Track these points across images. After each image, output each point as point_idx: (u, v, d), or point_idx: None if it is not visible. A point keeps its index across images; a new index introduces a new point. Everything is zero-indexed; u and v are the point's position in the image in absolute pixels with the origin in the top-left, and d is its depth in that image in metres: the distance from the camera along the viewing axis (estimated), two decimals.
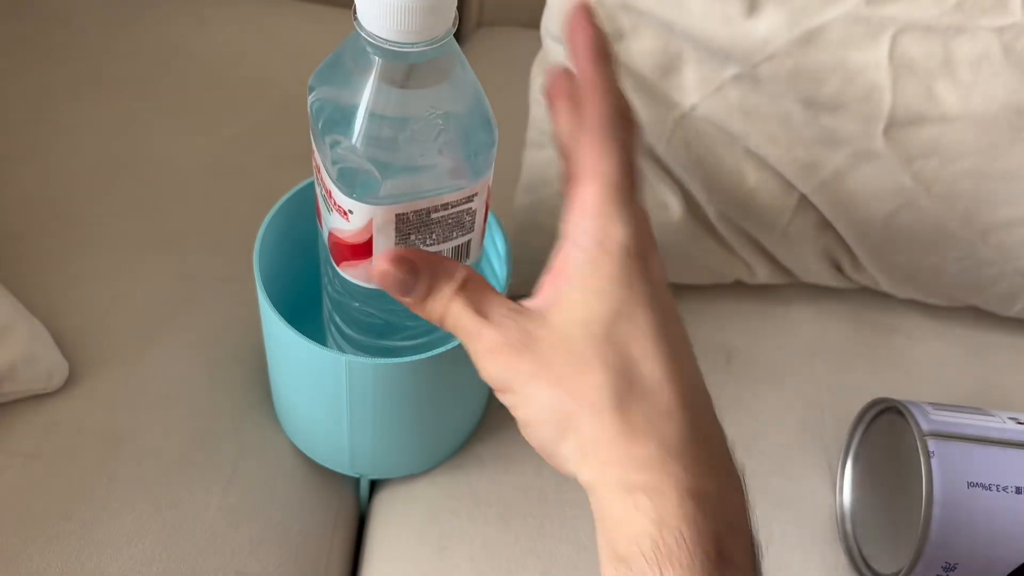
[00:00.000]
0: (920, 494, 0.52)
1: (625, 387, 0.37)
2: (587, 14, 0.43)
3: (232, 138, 0.77)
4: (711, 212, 0.65)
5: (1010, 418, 0.56)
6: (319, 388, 0.55)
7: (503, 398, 0.40)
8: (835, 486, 0.62)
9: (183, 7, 0.86)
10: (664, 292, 0.40)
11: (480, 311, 0.40)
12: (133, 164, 0.74)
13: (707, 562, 0.34)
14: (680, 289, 0.71)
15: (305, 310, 0.65)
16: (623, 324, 0.37)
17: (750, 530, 0.38)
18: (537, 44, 0.70)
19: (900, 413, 0.57)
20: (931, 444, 0.53)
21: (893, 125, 0.59)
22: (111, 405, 0.62)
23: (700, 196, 0.64)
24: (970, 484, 0.52)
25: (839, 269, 0.68)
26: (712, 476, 0.37)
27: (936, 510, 0.52)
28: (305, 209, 0.59)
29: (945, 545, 0.52)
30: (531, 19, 0.76)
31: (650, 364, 0.37)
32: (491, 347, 0.39)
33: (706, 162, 0.63)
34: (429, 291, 0.42)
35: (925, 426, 0.54)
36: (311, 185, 0.57)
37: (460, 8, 1.02)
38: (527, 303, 0.40)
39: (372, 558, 0.60)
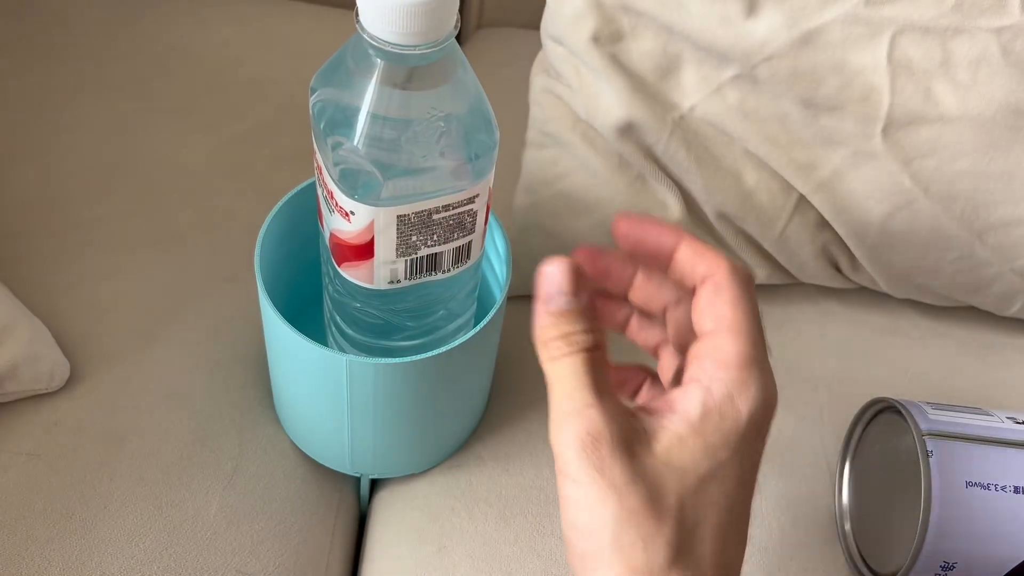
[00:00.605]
0: (919, 494, 0.53)
1: (684, 549, 0.36)
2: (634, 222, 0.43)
3: (233, 138, 0.77)
4: (710, 212, 0.65)
5: (1008, 418, 0.56)
6: (320, 388, 0.55)
7: (562, 480, 0.37)
8: (834, 485, 0.62)
9: (183, 7, 0.86)
10: (757, 466, 0.39)
11: (598, 383, 0.37)
12: (134, 164, 0.74)
13: None
14: None
15: (306, 310, 0.66)
16: (714, 489, 0.37)
17: None
18: (537, 44, 0.70)
19: (899, 413, 0.57)
20: (929, 444, 0.53)
21: (891, 126, 0.59)
22: (112, 405, 0.62)
23: (699, 196, 0.65)
24: (968, 484, 0.52)
25: (837, 269, 0.69)
26: None
27: (934, 509, 0.52)
28: (306, 209, 0.59)
29: (943, 544, 0.52)
30: (531, 20, 0.76)
31: (714, 541, 0.37)
32: (596, 428, 0.36)
33: (705, 162, 0.63)
34: (559, 324, 0.38)
35: (924, 426, 0.54)
36: (312, 185, 0.58)
37: (460, 9, 1.02)
38: (640, 411, 0.38)
39: (372, 557, 0.60)
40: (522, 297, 0.70)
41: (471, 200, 0.46)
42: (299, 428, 0.61)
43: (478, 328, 0.53)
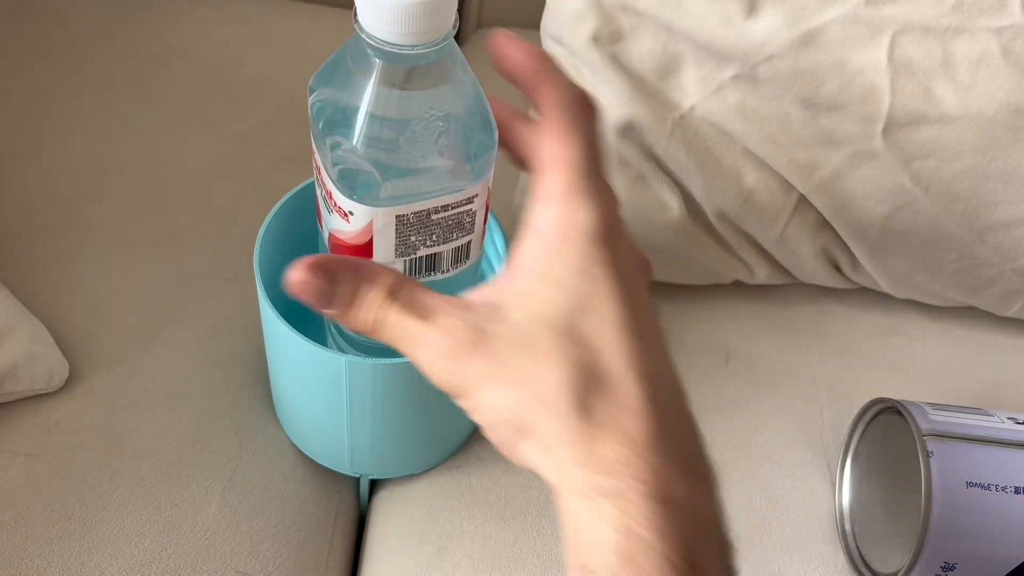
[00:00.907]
0: (919, 494, 0.52)
1: (587, 384, 0.34)
2: (510, 38, 0.41)
3: (233, 138, 0.77)
4: (710, 212, 0.65)
5: (1009, 418, 0.56)
6: (319, 388, 0.55)
7: (460, 403, 0.37)
8: (834, 486, 0.62)
9: (183, 7, 0.86)
10: (634, 281, 0.37)
11: (420, 314, 0.36)
12: (134, 164, 0.74)
13: (675, 573, 0.32)
14: (679, 289, 0.71)
15: (305, 310, 0.65)
16: (586, 317, 0.35)
17: (723, 534, 0.35)
18: (537, 45, 0.70)
19: (899, 413, 0.57)
20: (930, 444, 0.53)
21: (892, 125, 0.59)
22: (112, 405, 0.62)
23: (699, 196, 0.65)
24: (969, 484, 0.52)
25: (838, 269, 0.69)
26: (682, 478, 0.34)
27: (935, 510, 0.52)
28: (305, 209, 0.59)
29: (944, 545, 0.52)
30: (531, 20, 0.76)
31: (615, 359, 0.34)
32: (439, 352, 0.36)
33: (705, 162, 0.63)
34: (353, 299, 0.38)
35: (924, 426, 0.54)
36: (311, 186, 0.58)
37: (460, 9, 1.02)
38: (474, 297, 0.37)
39: (372, 557, 0.60)
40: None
41: (470, 200, 0.46)
42: (299, 428, 0.61)
43: None
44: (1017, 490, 0.52)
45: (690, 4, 0.59)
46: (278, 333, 0.53)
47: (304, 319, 0.63)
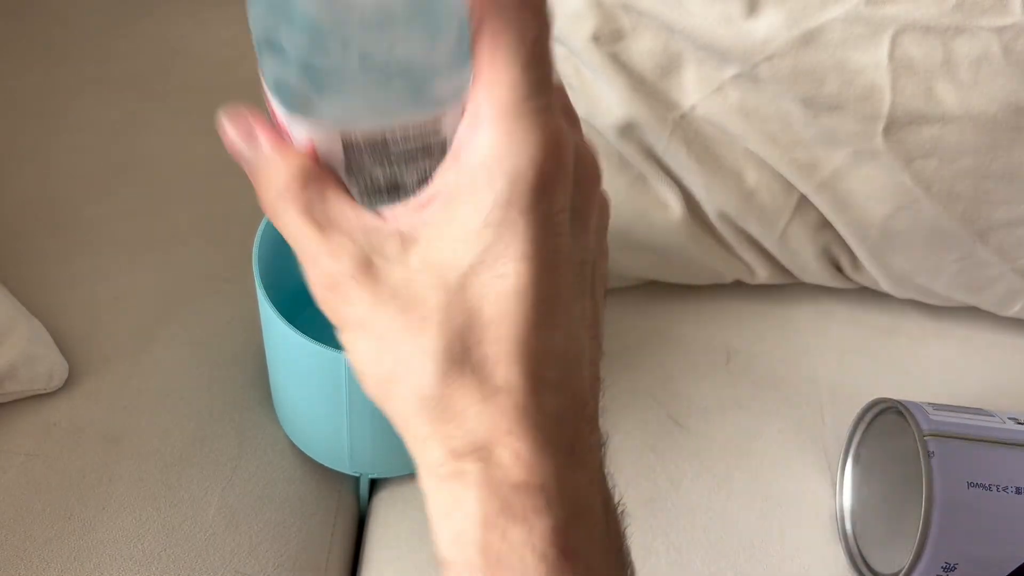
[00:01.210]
0: (920, 494, 0.52)
1: (461, 356, 0.30)
2: None
3: None
4: (711, 212, 0.65)
5: (1010, 418, 0.56)
6: (319, 387, 0.55)
7: (338, 335, 0.33)
8: (835, 486, 0.62)
9: (184, 8, 0.86)
10: (562, 236, 0.31)
11: (319, 221, 0.32)
12: (133, 164, 0.74)
13: (543, 565, 0.28)
14: (680, 289, 0.71)
15: (305, 310, 0.65)
16: (484, 276, 0.30)
17: (610, 513, 0.32)
18: None
19: (900, 413, 0.57)
20: (931, 444, 0.53)
21: (893, 125, 0.59)
22: (111, 405, 0.62)
23: (700, 196, 0.64)
24: (970, 484, 0.52)
25: (839, 269, 0.68)
26: (552, 459, 0.30)
27: (936, 510, 0.52)
28: None
29: (945, 545, 0.52)
30: None
31: (501, 330, 0.30)
32: (321, 275, 0.32)
33: (706, 162, 0.63)
34: (258, 171, 0.33)
35: (925, 426, 0.54)
36: None
37: None
38: (389, 214, 0.32)
39: (372, 557, 0.60)
40: None
41: (436, 124, 0.35)
42: (298, 428, 0.61)
43: None
44: (1019, 490, 0.52)
45: (691, 3, 0.59)
46: (277, 332, 0.53)
47: (303, 319, 0.63)
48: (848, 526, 0.60)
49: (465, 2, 0.33)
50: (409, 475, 0.63)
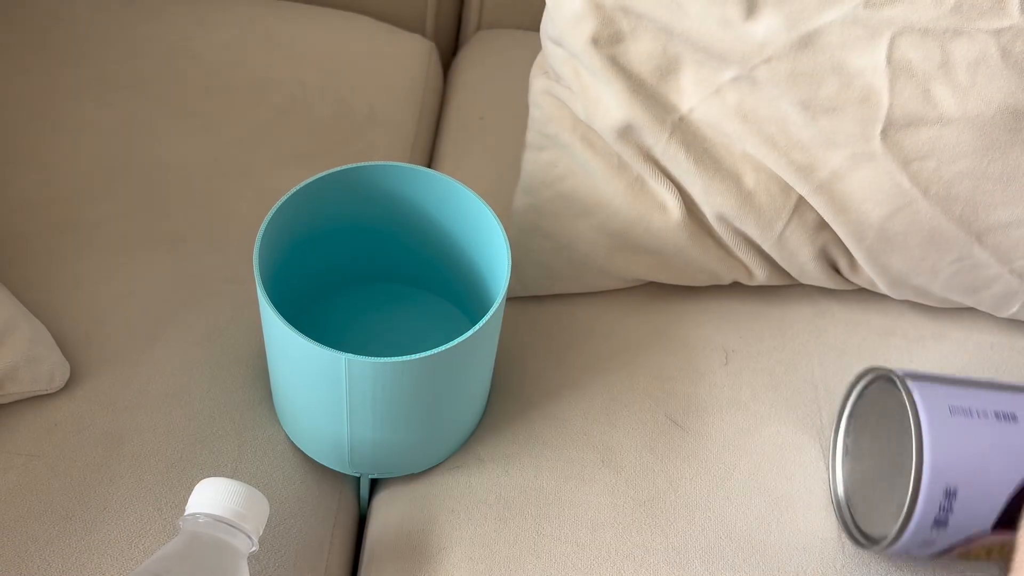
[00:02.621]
0: (910, 438, 0.54)
1: None
2: None
3: (233, 139, 0.77)
4: (709, 214, 0.65)
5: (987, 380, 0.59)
6: (319, 387, 0.55)
7: None
8: (830, 484, 0.62)
9: (184, 8, 0.87)
10: None
11: None
12: (134, 165, 0.74)
13: None
14: (679, 290, 0.71)
15: (305, 310, 0.66)
16: None
17: None
18: (536, 46, 0.70)
19: (885, 378, 0.58)
20: (911, 383, 0.56)
21: (891, 127, 0.59)
22: (112, 406, 0.62)
23: (698, 198, 0.65)
24: (952, 410, 0.54)
25: (836, 270, 0.69)
26: None
27: (925, 432, 0.53)
28: (305, 209, 0.59)
29: (941, 467, 0.53)
30: (531, 21, 0.77)
31: None
32: None
33: (704, 164, 0.63)
34: None
35: (905, 374, 0.57)
36: (311, 185, 0.58)
37: (460, 10, 1.03)
38: None
39: (372, 558, 0.61)
40: (522, 298, 0.70)
41: None
42: (299, 428, 0.61)
43: (477, 327, 0.53)
44: (998, 415, 0.54)
45: (689, 6, 0.59)
46: (278, 332, 0.53)
47: (303, 319, 0.63)
48: (841, 493, 0.61)
49: None
50: (409, 476, 0.63)
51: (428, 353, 0.52)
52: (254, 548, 0.52)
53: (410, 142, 0.82)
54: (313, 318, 0.66)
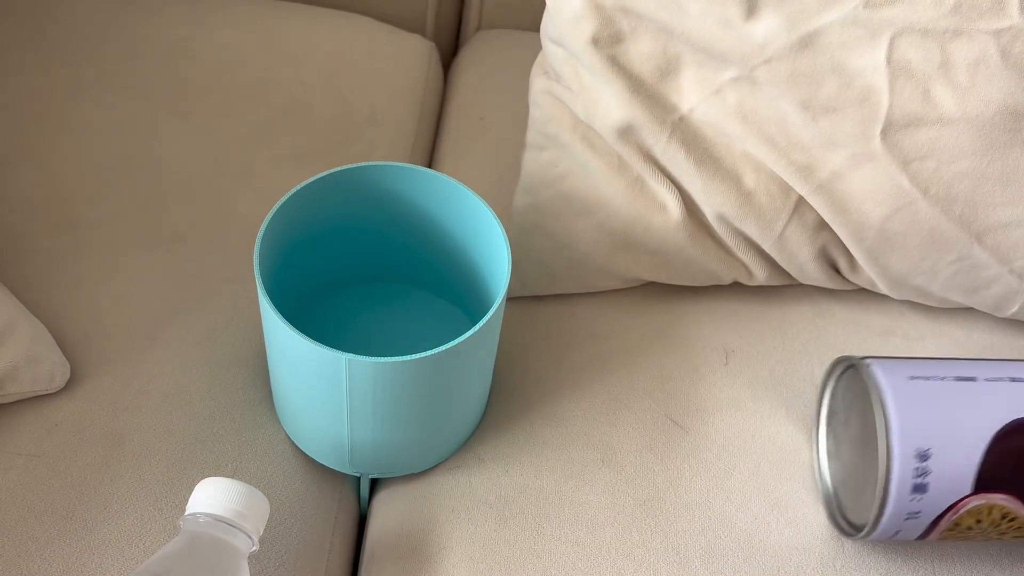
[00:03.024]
0: (877, 412, 0.54)
1: None
2: None
3: (233, 139, 0.77)
4: (709, 214, 0.65)
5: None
6: (319, 386, 0.55)
7: None
8: (818, 482, 0.62)
9: (184, 8, 0.87)
10: None
11: None
12: (135, 165, 0.75)
13: None
14: (678, 290, 0.71)
15: (305, 310, 0.66)
16: None
17: None
18: (537, 46, 0.70)
19: (851, 366, 0.59)
20: (870, 362, 0.56)
21: (890, 127, 0.59)
22: (113, 405, 0.62)
23: (698, 198, 0.65)
24: (912, 378, 0.55)
25: (836, 270, 0.69)
26: None
27: (888, 400, 0.54)
28: (306, 209, 0.59)
29: (908, 430, 0.53)
30: (531, 22, 0.76)
31: None
32: None
33: (704, 164, 0.63)
34: None
35: (865, 357, 0.57)
36: (311, 185, 0.58)
37: (460, 11, 1.03)
38: None
39: (372, 557, 0.61)
40: (522, 298, 0.70)
41: None
42: (299, 428, 0.61)
43: (477, 327, 0.53)
44: (958, 378, 0.55)
45: (689, 6, 0.59)
46: (278, 332, 0.53)
47: (304, 318, 0.63)
48: (829, 488, 0.61)
49: None
50: (409, 475, 0.63)
51: (428, 353, 0.52)
52: (254, 548, 0.52)
53: (410, 142, 0.82)
54: (313, 318, 0.66)
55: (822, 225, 0.65)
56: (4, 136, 0.75)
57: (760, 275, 0.68)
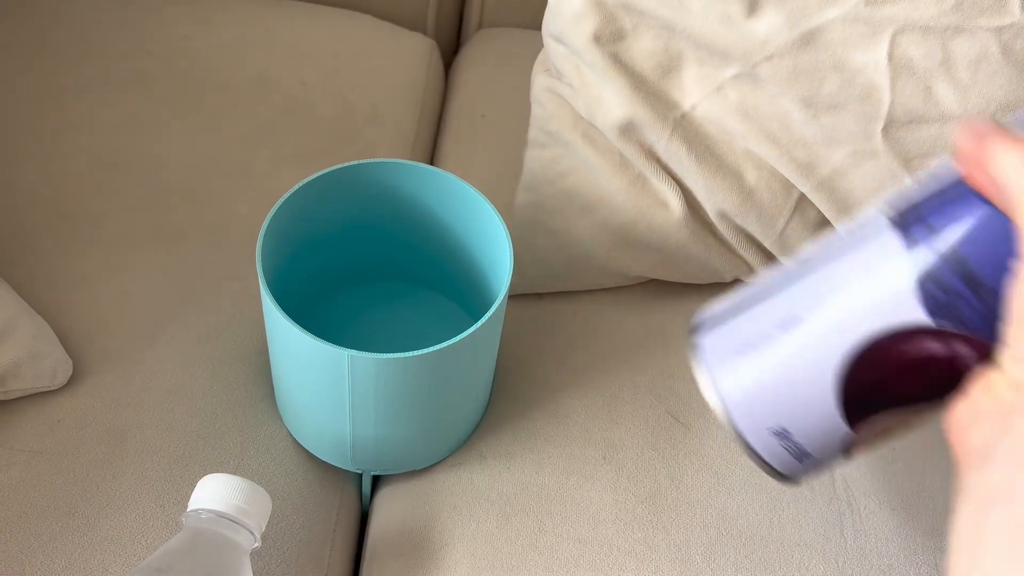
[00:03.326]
0: None
1: None
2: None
3: (235, 137, 0.77)
4: (710, 211, 0.65)
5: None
6: (321, 383, 0.55)
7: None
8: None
9: (184, 8, 0.87)
10: None
11: None
12: (137, 163, 0.75)
13: None
14: (680, 288, 0.71)
15: (306, 306, 0.66)
16: None
17: None
18: (538, 44, 0.70)
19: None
20: (698, 349, 0.47)
21: (892, 124, 0.59)
22: (115, 402, 0.62)
23: (700, 195, 0.65)
24: (738, 350, 0.46)
25: None
26: None
27: (723, 403, 0.46)
28: (307, 206, 0.59)
29: (753, 422, 0.46)
30: (532, 20, 0.77)
31: None
32: None
33: (706, 161, 0.63)
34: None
35: (698, 325, 0.48)
36: (312, 183, 0.58)
37: (461, 9, 1.02)
38: None
39: (374, 554, 0.61)
40: (524, 295, 0.70)
41: None
42: (301, 424, 0.61)
43: (479, 324, 0.53)
44: (780, 325, 0.44)
45: (691, 3, 0.59)
46: (280, 328, 0.53)
47: (305, 315, 0.63)
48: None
49: None
50: (411, 472, 0.63)
51: (430, 349, 0.52)
52: (256, 544, 0.52)
53: (411, 141, 0.82)
54: (315, 315, 0.66)
55: (824, 223, 0.65)
56: (6, 134, 0.75)
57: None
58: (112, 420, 0.61)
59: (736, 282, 0.71)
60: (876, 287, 0.41)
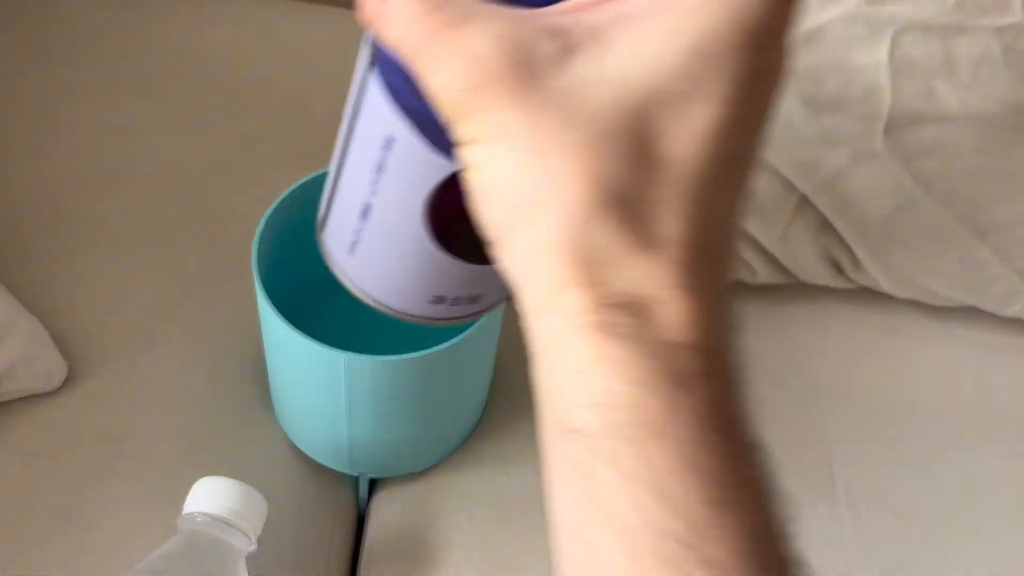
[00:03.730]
0: None
1: (621, 189, 0.25)
2: None
3: (232, 138, 0.77)
4: None
5: None
6: (318, 385, 0.55)
7: (464, 150, 0.27)
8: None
9: (184, 8, 0.87)
10: (764, 107, 0.27)
11: (451, 14, 0.26)
12: (133, 164, 0.74)
13: (712, 436, 0.26)
14: None
15: (303, 308, 0.65)
16: (673, 109, 0.25)
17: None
18: None
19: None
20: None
21: (893, 125, 0.59)
22: (110, 404, 0.62)
23: None
24: (350, 249, 0.42)
25: (839, 269, 0.68)
26: (718, 323, 0.28)
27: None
28: (304, 206, 0.59)
29: (398, 295, 0.42)
30: None
31: (679, 175, 0.25)
32: (465, 71, 0.26)
33: None
34: None
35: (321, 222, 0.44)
36: (309, 183, 0.57)
37: None
38: (550, 13, 0.27)
39: (371, 557, 0.60)
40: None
41: None
42: (297, 427, 0.61)
43: (476, 326, 0.53)
44: (363, 216, 0.39)
45: None
46: (277, 330, 0.53)
47: (302, 317, 0.63)
48: None
49: None
50: (408, 475, 0.63)
51: (427, 351, 0.52)
52: (252, 547, 0.52)
53: None
54: (312, 317, 0.66)
55: (825, 224, 0.65)
56: (3, 135, 0.75)
57: (763, 273, 0.68)
58: (107, 422, 0.61)
59: (737, 283, 0.71)
60: (377, 134, 0.35)
